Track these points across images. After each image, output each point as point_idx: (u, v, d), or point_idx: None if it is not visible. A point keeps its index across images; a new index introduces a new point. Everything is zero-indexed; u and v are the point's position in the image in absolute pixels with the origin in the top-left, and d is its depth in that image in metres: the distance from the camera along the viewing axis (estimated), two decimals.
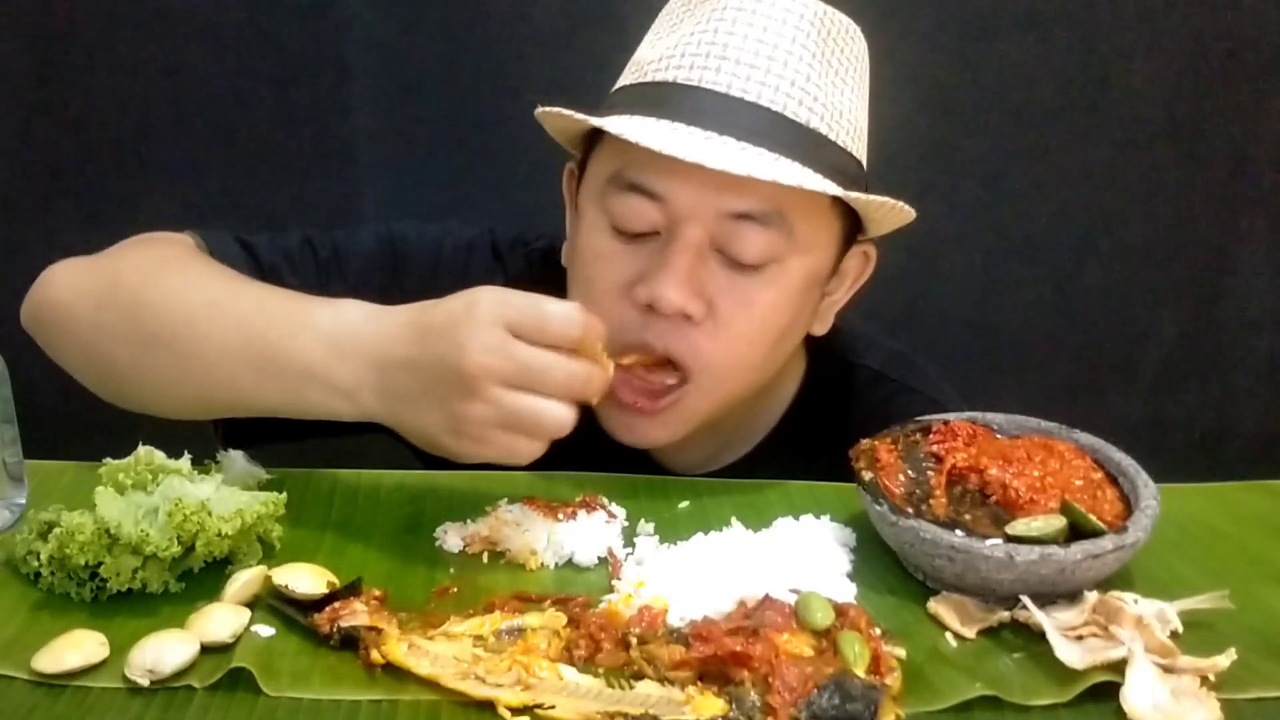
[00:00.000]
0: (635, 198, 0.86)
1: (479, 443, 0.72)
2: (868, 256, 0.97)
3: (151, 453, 0.77)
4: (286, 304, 0.81)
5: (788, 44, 0.85)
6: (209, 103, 1.62)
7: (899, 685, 0.63)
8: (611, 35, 0.92)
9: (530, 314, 0.71)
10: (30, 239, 1.64)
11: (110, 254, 0.92)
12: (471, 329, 0.70)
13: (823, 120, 0.86)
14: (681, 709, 0.60)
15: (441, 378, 0.71)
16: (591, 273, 0.91)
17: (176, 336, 0.80)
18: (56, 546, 0.69)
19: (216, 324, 0.80)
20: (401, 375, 0.73)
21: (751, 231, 0.85)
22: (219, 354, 0.79)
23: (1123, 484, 0.78)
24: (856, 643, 0.63)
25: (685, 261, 0.85)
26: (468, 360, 0.69)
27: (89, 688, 0.63)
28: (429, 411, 0.73)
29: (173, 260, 0.90)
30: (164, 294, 0.83)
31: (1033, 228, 1.75)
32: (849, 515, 0.83)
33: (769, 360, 0.92)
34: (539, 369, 0.70)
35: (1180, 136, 1.71)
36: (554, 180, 1.00)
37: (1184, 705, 0.62)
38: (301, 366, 0.76)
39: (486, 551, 0.79)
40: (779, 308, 0.89)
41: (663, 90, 0.86)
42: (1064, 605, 0.71)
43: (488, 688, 0.62)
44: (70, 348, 0.88)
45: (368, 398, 0.75)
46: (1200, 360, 1.82)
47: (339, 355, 0.75)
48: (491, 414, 0.70)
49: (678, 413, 0.90)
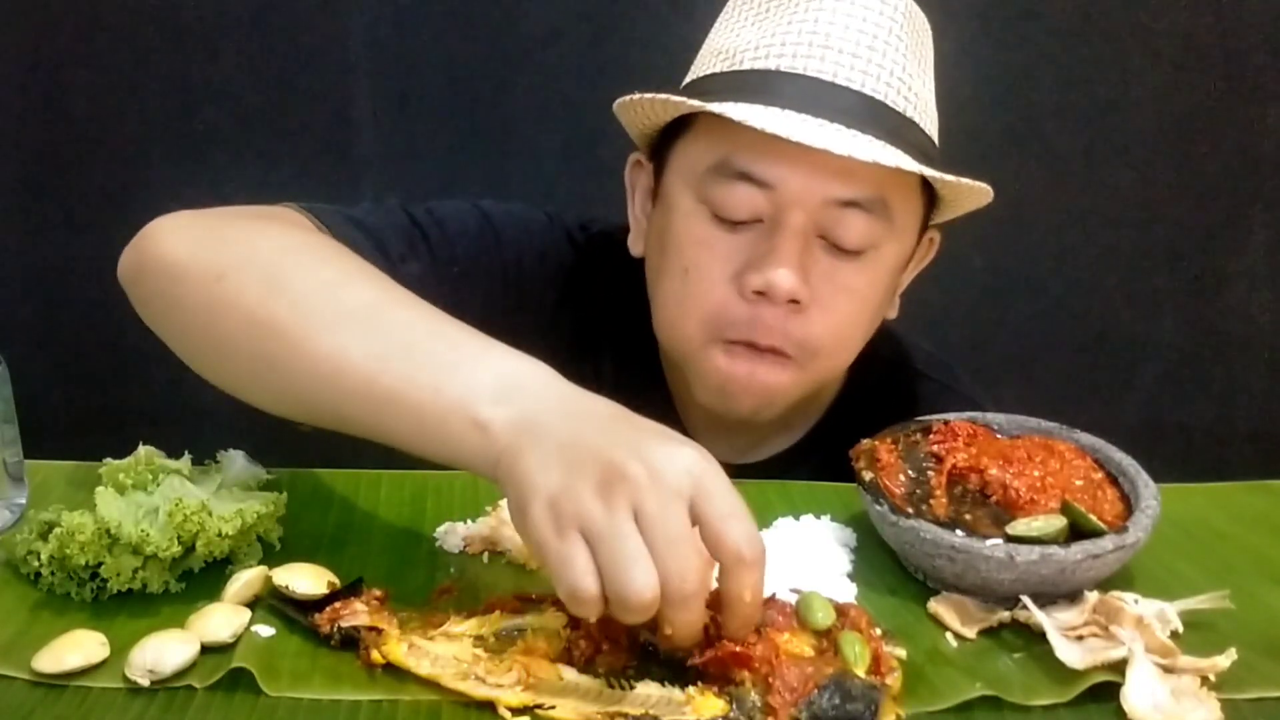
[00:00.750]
0: (743, 185, 0.87)
1: (559, 532, 0.58)
2: (933, 241, 1.00)
3: (152, 453, 0.77)
4: (451, 332, 0.70)
5: (885, 34, 0.87)
6: (210, 103, 1.62)
7: (899, 685, 0.63)
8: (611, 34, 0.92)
9: (728, 504, 0.59)
10: (31, 240, 1.64)
11: (231, 219, 0.82)
12: (666, 448, 0.60)
13: (914, 108, 0.88)
14: (682, 709, 0.60)
15: (595, 452, 0.59)
16: (693, 260, 0.90)
17: (308, 335, 0.69)
18: (57, 546, 0.69)
19: (364, 334, 0.69)
20: (556, 420, 0.62)
21: (856, 218, 0.86)
22: (358, 366, 0.67)
23: (1123, 484, 0.78)
24: (857, 643, 0.63)
25: (796, 246, 0.86)
26: (635, 461, 0.58)
27: (89, 688, 0.63)
28: (550, 470, 0.59)
29: (314, 246, 0.81)
30: (306, 284, 0.73)
31: (1033, 228, 1.75)
32: (849, 515, 0.83)
33: (860, 344, 0.95)
34: (675, 533, 0.57)
35: (1181, 136, 1.71)
36: (554, 179, 1.01)
37: (1184, 705, 0.62)
38: (456, 396, 0.64)
39: (487, 552, 0.79)
40: (875, 292, 0.91)
41: (766, 78, 0.87)
42: (1064, 605, 0.71)
43: (488, 688, 0.62)
44: (176, 314, 0.78)
45: (503, 414, 0.63)
46: (1201, 360, 1.83)
47: (502, 389, 0.64)
48: (598, 517, 0.57)
49: (771, 389, 0.91)
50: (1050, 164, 1.72)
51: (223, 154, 1.65)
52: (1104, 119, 1.70)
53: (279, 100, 1.63)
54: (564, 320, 1.03)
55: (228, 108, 1.63)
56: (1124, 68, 1.67)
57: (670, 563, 0.57)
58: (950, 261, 1.72)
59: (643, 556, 0.57)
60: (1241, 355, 1.83)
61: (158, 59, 1.60)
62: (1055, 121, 1.70)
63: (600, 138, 1.06)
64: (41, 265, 1.64)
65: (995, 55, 1.65)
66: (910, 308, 1.00)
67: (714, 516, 0.58)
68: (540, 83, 1.59)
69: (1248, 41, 1.67)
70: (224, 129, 1.64)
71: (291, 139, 1.65)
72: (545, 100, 1.59)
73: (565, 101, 1.54)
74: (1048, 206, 1.74)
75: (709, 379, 0.92)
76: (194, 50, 1.60)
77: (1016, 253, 1.76)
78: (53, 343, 1.67)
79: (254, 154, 1.65)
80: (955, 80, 1.65)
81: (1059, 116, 1.69)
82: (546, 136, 0.94)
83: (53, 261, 1.62)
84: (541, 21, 1.59)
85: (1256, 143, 1.72)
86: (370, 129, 1.65)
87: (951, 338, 1.75)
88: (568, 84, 1.51)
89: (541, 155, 1.61)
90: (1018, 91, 1.68)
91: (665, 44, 0.96)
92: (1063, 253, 1.77)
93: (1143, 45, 1.66)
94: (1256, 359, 1.83)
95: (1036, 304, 1.79)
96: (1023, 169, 1.72)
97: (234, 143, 1.64)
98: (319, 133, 1.65)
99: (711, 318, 0.90)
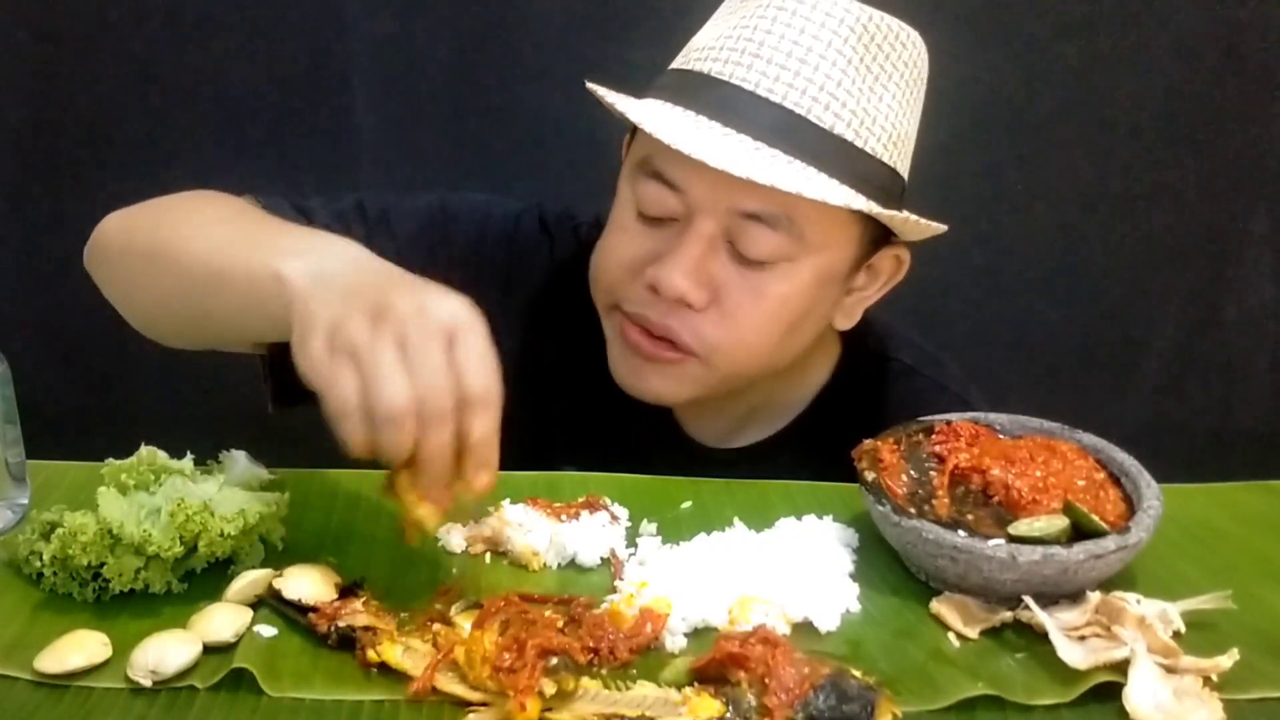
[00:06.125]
0: (656, 185, 0.88)
1: (330, 357, 0.64)
2: (899, 260, 0.97)
3: (154, 453, 0.77)
4: (286, 224, 0.83)
5: (822, 47, 0.85)
6: (211, 104, 1.62)
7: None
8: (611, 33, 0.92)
9: (478, 351, 0.65)
10: (32, 240, 1.64)
11: (161, 200, 0.93)
12: (437, 294, 0.66)
13: (849, 126, 0.86)
14: (678, 710, 0.60)
15: (373, 291, 0.66)
16: (611, 244, 0.94)
17: (178, 249, 0.81)
18: (59, 547, 0.69)
19: (214, 237, 0.80)
20: (347, 270, 0.69)
21: (759, 231, 0.86)
22: (202, 257, 0.78)
23: (1125, 484, 0.78)
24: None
25: (695, 251, 0.87)
26: (406, 299, 0.65)
27: (91, 688, 0.63)
28: (330, 305, 0.66)
29: (212, 199, 0.92)
30: (187, 220, 0.85)
31: (1035, 228, 1.75)
32: (851, 515, 0.83)
33: (782, 348, 0.94)
34: (432, 360, 0.63)
35: (1182, 136, 1.71)
36: (554, 177, 1.01)
37: (1186, 705, 0.62)
38: (262, 258, 0.71)
39: (489, 552, 0.80)
40: (788, 302, 0.90)
41: (697, 81, 0.88)
42: (1066, 605, 0.71)
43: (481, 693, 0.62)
44: (109, 278, 0.91)
45: (298, 265, 0.69)
46: (1203, 360, 1.82)
47: (301, 249, 0.72)
48: (364, 342, 0.63)
49: (682, 374, 0.93)
50: (1052, 164, 1.72)
51: (223, 155, 1.65)
52: (1105, 119, 1.70)
53: (279, 101, 1.63)
54: (531, 303, 1.05)
55: (228, 108, 1.63)
56: (1127, 67, 1.67)
57: (425, 380, 0.63)
58: (951, 261, 1.73)
59: (398, 374, 0.63)
60: (1243, 355, 1.83)
61: (159, 60, 1.60)
62: (1057, 121, 1.69)
63: (602, 135, 1.06)
64: (44, 265, 1.64)
65: (999, 54, 1.65)
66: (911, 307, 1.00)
67: (461, 357, 0.64)
68: (542, 82, 1.59)
69: (1250, 41, 1.67)
70: (225, 130, 1.64)
71: (292, 139, 1.64)
72: (546, 100, 1.60)
73: (567, 99, 1.54)
74: (1049, 206, 1.74)
75: (614, 347, 0.96)
76: (195, 51, 1.60)
77: (1017, 252, 1.76)
78: (55, 343, 1.67)
79: (254, 155, 1.65)
80: (959, 80, 1.66)
81: (1060, 117, 1.69)
82: (546, 135, 0.94)
83: (55, 262, 1.62)
84: (542, 22, 1.60)
85: (1258, 143, 1.71)
86: (371, 130, 1.65)
87: (952, 337, 1.74)
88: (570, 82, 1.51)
89: (544, 155, 1.61)
90: (1020, 91, 1.68)
91: (668, 42, 0.96)
92: (1064, 252, 1.76)
93: (1147, 44, 1.66)
94: (1258, 359, 1.83)
95: (1037, 304, 1.79)
96: (1024, 169, 1.72)
97: (235, 143, 1.64)
98: (319, 133, 1.65)
99: (611, 289, 0.94)
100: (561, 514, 0.81)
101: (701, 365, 0.92)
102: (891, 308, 1.02)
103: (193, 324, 0.85)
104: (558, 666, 0.61)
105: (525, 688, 0.59)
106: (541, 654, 0.61)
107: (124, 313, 0.91)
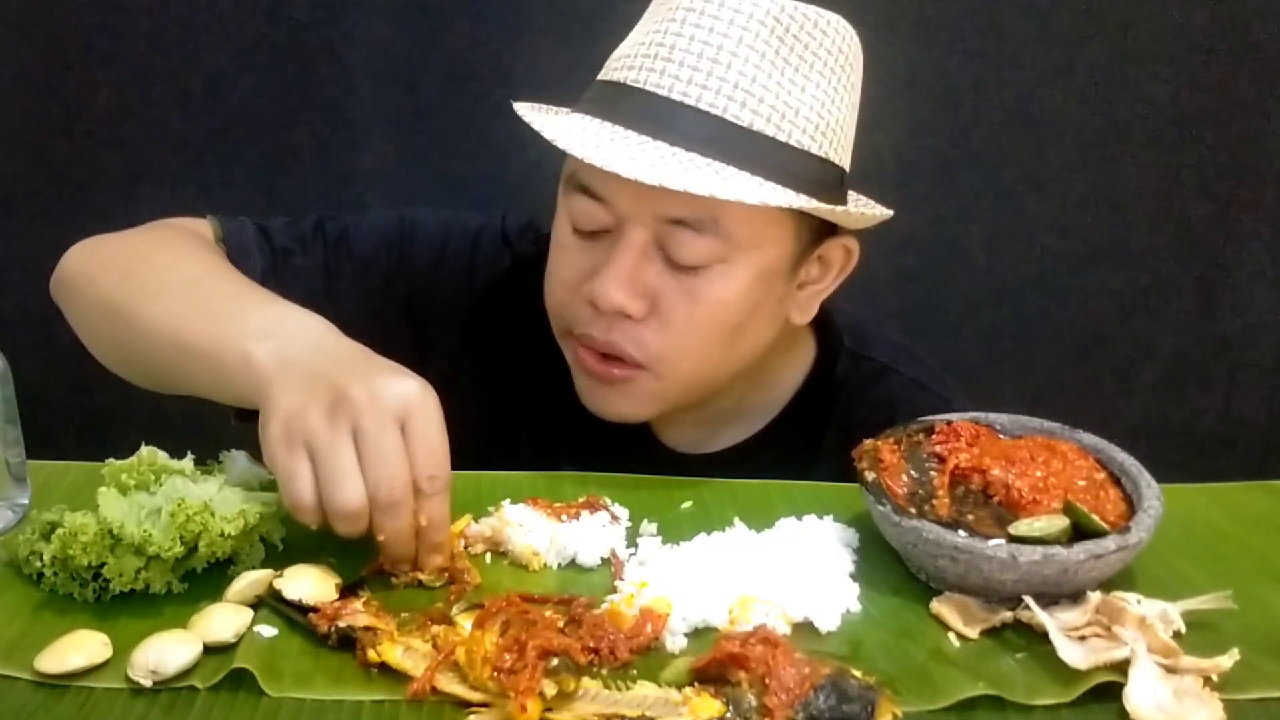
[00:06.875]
0: (584, 199, 0.89)
1: (289, 448, 0.68)
2: (848, 250, 0.96)
3: (154, 453, 0.77)
4: (250, 294, 0.83)
5: (733, 44, 0.85)
6: (211, 106, 1.62)
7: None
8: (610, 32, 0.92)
9: (428, 436, 0.69)
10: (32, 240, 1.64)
11: (123, 234, 0.95)
12: (390, 377, 0.70)
13: (769, 122, 0.85)
14: (679, 710, 0.60)
15: (330, 379, 0.70)
16: (553, 266, 0.95)
17: (140, 308, 0.83)
18: (59, 547, 0.69)
19: (178, 302, 0.82)
20: (307, 355, 0.73)
21: (688, 236, 0.86)
22: (170, 327, 0.80)
23: (1125, 484, 0.78)
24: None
25: (627, 261, 0.87)
26: (360, 386, 0.69)
27: (92, 688, 0.63)
28: (291, 394, 0.70)
29: (172, 242, 0.93)
30: (146, 270, 0.87)
31: (1035, 228, 1.75)
32: (852, 516, 0.83)
33: (732, 350, 0.93)
34: (386, 449, 0.68)
35: (1182, 138, 1.71)
36: (553, 177, 1.01)
37: (1187, 706, 0.62)
38: (230, 337, 0.76)
39: (489, 552, 0.80)
40: (727, 304, 0.90)
41: (614, 91, 0.88)
42: (1067, 605, 0.71)
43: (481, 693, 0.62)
44: (74, 318, 0.93)
45: (264, 349, 0.74)
46: (1203, 361, 1.82)
47: (266, 329, 0.76)
48: (321, 435, 0.68)
49: (638, 391, 0.93)
50: (1052, 165, 1.72)
51: (223, 156, 1.65)
52: (1105, 120, 1.70)
53: (280, 102, 1.63)
54: (495, 317, 1.05)
55: (229, 110, 1.63)
56: (1127, 67, 1.67)
57: (378, 473, 0.67)
58: (952, 261, 1.74)
59: (353, 472, 0.67)
60: (1243, 355, 1.83)
61: (160, 61, 1.60)
62: (1057, 121, 1.69)
63: None
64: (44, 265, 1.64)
65: (996, 53, 1.65)
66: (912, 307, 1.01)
67: (412, 441, 0.69)
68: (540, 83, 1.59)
69: (1251, 42, 1.67)
70: (225, 131, 1.64)
71: (292, 140, 1.65)
72: (546, 99, 1.60)
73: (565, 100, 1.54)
74: (1049, 207, 1.74)
75: (577, 376, 0.96)
76: (196, 52, 1.60)
77: (1018, 252, 1.76)
78: (55, 343, 1.67)
79: (255, 156, 1.65)
80: (954, 79, 1.66)
81: (1060, 117, 1.69)
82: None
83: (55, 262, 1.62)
84: (539, 26, 1.60)
85: (1259, 143, 1.71)
86: (371, 131, 1.65)
87: (952, 337, 1.75)
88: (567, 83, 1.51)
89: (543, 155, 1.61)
90: (1019, 91, 1.68)
91: None
92: (1064, 252, 1.77)
93: (1146, 45, 1.66)
94: (1258, 359, 1.83)
95: (1038, 304, 1.79)
96: (1024, 169, 1.72)
97: (235, 145, 1.64)
98: (320, 135, 1.65)
99: (560, 313, 0.94)
100: (562, 514, 0.81)
101: (652, 377, 0.91)
102: (891, 308, 1.02)
103: (155, 381, 0.88)
104: (558, 667, 0.60)
105: (526, 688, 0.59)
106: (542, 654, 0.61)
107: (90, 350, 0.92)
